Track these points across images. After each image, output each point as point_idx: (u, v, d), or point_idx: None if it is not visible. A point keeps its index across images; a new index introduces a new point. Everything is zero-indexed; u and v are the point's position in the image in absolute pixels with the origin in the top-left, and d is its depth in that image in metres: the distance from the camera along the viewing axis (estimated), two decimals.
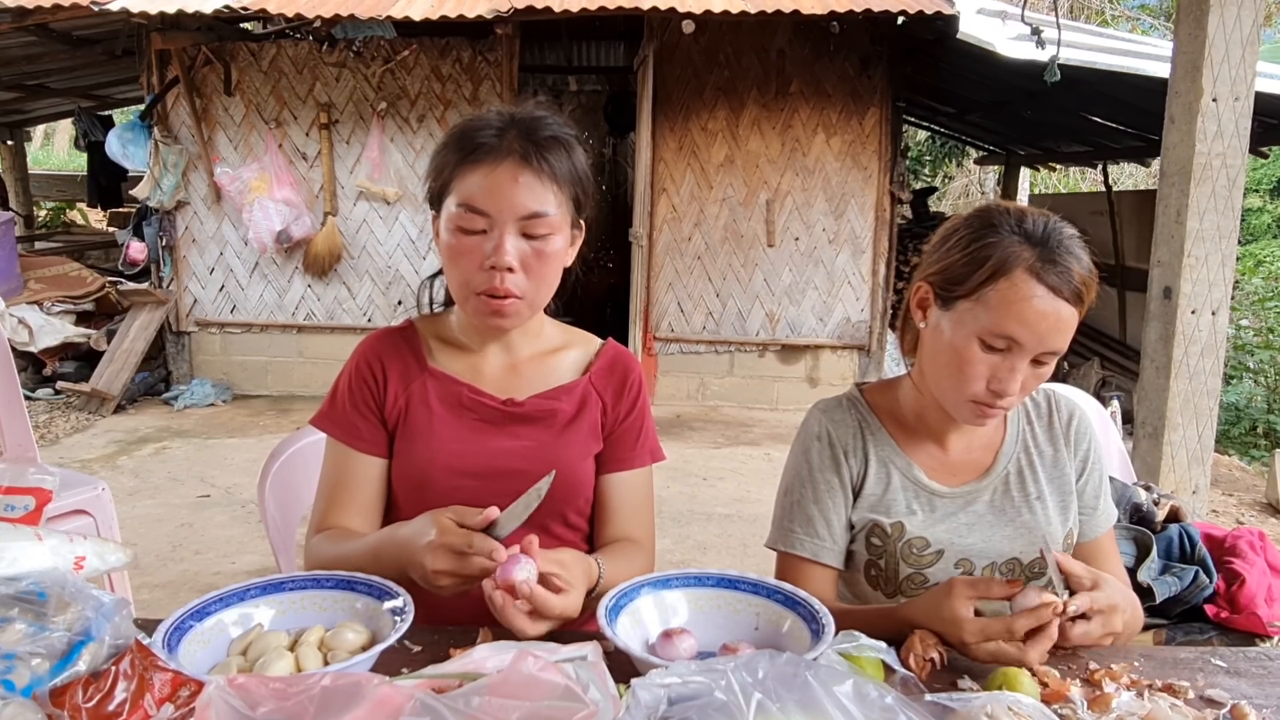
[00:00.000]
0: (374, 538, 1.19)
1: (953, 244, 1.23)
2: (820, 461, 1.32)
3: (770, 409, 6.25)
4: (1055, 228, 1.18)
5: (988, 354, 1.18)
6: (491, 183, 1.18)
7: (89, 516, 2.27)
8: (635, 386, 1.38)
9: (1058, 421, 1.36)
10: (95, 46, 6.49)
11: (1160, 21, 14.06)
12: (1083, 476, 1.34)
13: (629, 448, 1.37)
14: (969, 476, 1.32)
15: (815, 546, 1.30)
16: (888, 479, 1.31)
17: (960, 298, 1.20)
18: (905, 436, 1.34)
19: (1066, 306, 1.15)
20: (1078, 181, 13.91)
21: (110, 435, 5.35)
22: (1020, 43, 4.79)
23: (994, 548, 1.28)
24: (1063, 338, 1.16)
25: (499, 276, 1.19)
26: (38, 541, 0.99)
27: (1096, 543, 1.35)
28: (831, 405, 1.37)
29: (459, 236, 1.21)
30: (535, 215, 1.19)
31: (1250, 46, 2.71)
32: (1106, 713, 0.95)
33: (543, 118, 1.24)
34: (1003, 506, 1.31)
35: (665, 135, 6.01)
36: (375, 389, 1.32)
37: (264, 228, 5.88)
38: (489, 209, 1.18)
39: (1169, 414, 2.89)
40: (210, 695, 0.68)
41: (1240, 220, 2.88)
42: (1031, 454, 1.34)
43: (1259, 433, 6.40)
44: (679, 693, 0.73)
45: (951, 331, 1.21)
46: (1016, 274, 1.15)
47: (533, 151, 1.19)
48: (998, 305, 1.16)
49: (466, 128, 1.23)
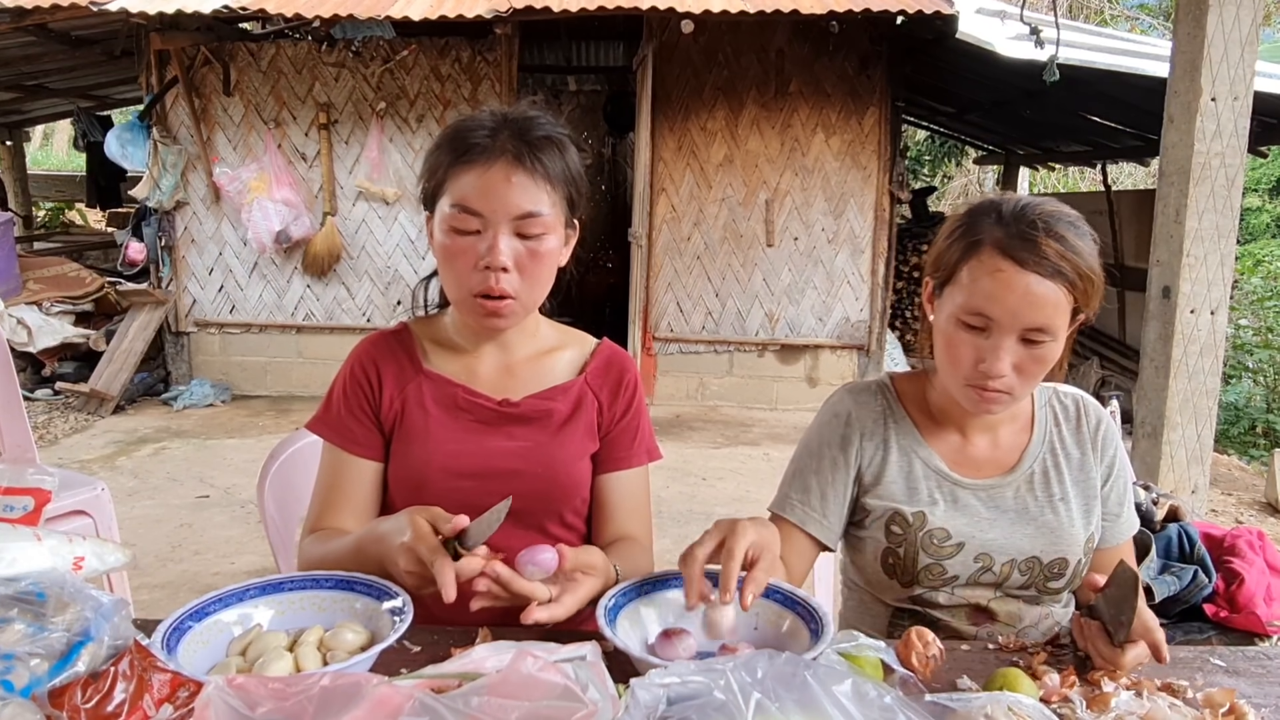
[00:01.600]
0: (357, 534, 1.20)
1: (944, 236, 1.26)
2: (832, 436, 1.34)
3: (769, 409, 6.25)
4: (1032, 205, 1.19)
5: (970, 334, 1.19)
6: (485, 183, 1.18)
7: (88, 517, 2.27)
8: (631, 386, 1.38)
9: (1086, 426, 1.36)
10: (94, 46, 6.48)
11: (1159, 21, 14.06)
12: (1108, 483, 1.35)
13: (626, 447, 1.37)
14: (993, 471, 1.32)
15: (803, 513, 1.32)
16: (909, 467, 1.31)
17: (944, 284, 1.23)
18: (930, 426, 1.35)
19: (1042, 282, 1.14)
20: (1077, 181, 13.92)
21: (109, 436, 5.34)
22: (1019, 42, 4.80)
23: (1015, 545, 1.28)
24: (1042, 314, 1.14)
25: (493, 277, 1.19)
26: (37, 542, 0.99)
27: (1116, 549, 1.36)
28: (860, 388, 1.38)
29: (453, 237, 1.21)
30: (529, 215, 1.19)
31: (1249, 46, 2.71)
32: (1105, 712, 0.95)
33: (535, 117, 1.23)
34: (1026, 505, 1.30)
35: (664, 135, 6.01)
36: (370, 393, 1.32)
37: (263, 228, 5.88)
38: (482, 209, 1.18)
39: (1168, 413, 2.89)
40: (209, 695, 0.68)
41: (1239, 220, 2.88)
42: (1058, 455, 1.34)
43: (1258, 432, 6.40)
44: (678, 692, 0.73)
45: (940, 319, 1.24)
46: (984, 251, 1.17)
47: (525, 151, 1.19)
48: (969, 283, 1.18)
49: (459, 128, 1.23)
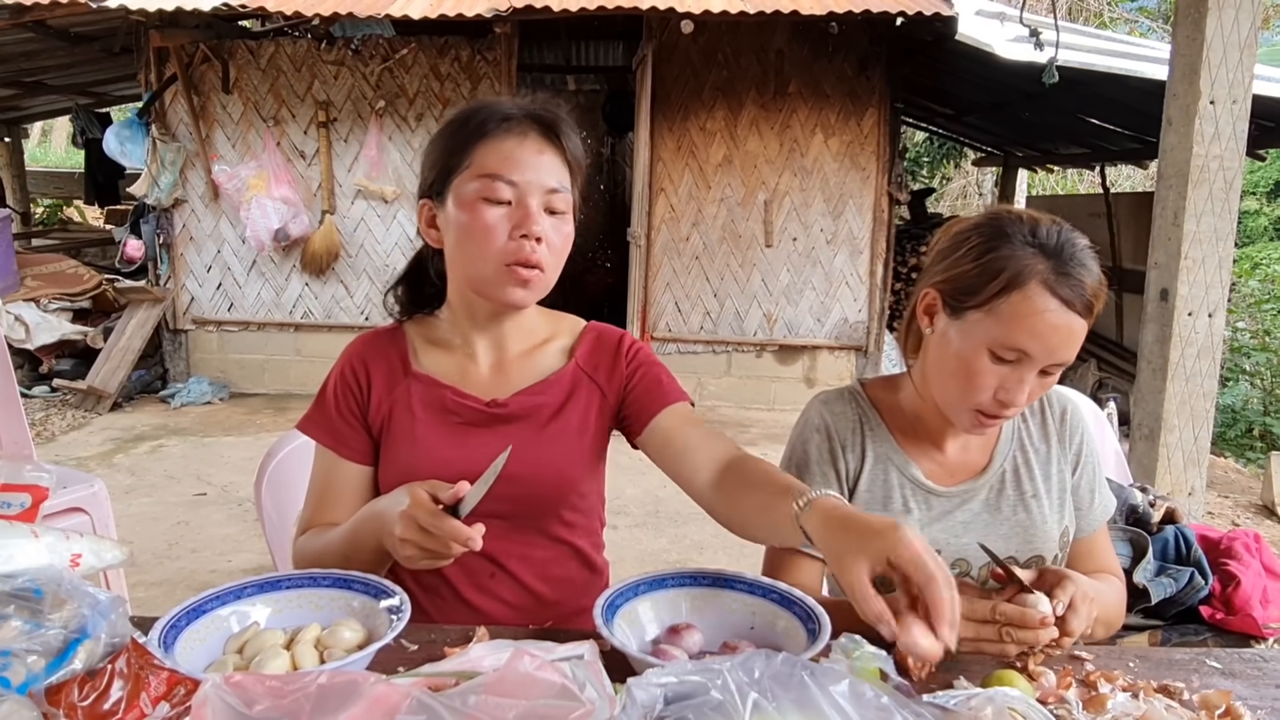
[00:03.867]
0: (354, 518, 1.18)
1: (963, 253, 1.21)
2: (818, 454, 1.32)
3: (767, 409, 6.25)
4: (1069, 239, 1.17)
5: (997, 365, 1.17)
6: (521, 154, 1.18)
7: (85, 514, 2.27)
8: (631, 350, 1.34)
9: (1051, 418, 1.36)
10: (93, 43, 6.47)
11: (1158, 24, 14.07)
12: (1077, 471, 1.35)
13: (657, 394, 1.30)
14: (965, 476, 1.32)
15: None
16: (885, 476, 1.31)
17: (971, 308, 1.19)
18: (904, 435, 1.34)
19: (1078, 319, 1.15)
20: (1075, 183, 13.91)
21: (107, 433, 5.34)
22: (1018, 44, 4.80)
23: (990, 547, 1.28)
24: (1072, 350, 1.16)
25: (529, 245, 1.16)
26: (34, 539, 0.98)
27: (1091, 538, 1.36)
28: (833, 398, 1.37)
29: (484, 208, 1.17)
30: (557, 191, 1.19)
31: (1248, 49, 2.71)
32: (1102, 713, 0.95)
33: (552, 103, 1.24)
34: (999, 505, 1.31)
35: (663, 135, 6.01)
36: (359, 395, 1.29)
37: (262, 226, 5.87)
38: (517, 179, 1.17)
39: (1165, 416, 2.89)
40: (206, 693, 0.68)
41: (1237, 223, 2.88)
42: (1028, 452, 1.34)
43: (1255, 435, 6.41)
44: (675, 692, 0.73)
45: (960, 341, 1.20)
46: (1030, 287, 1.14)
47: (552, 131, 1.20)
48: (1010, 318, 1.15)
49: (477, 110, 1.22)
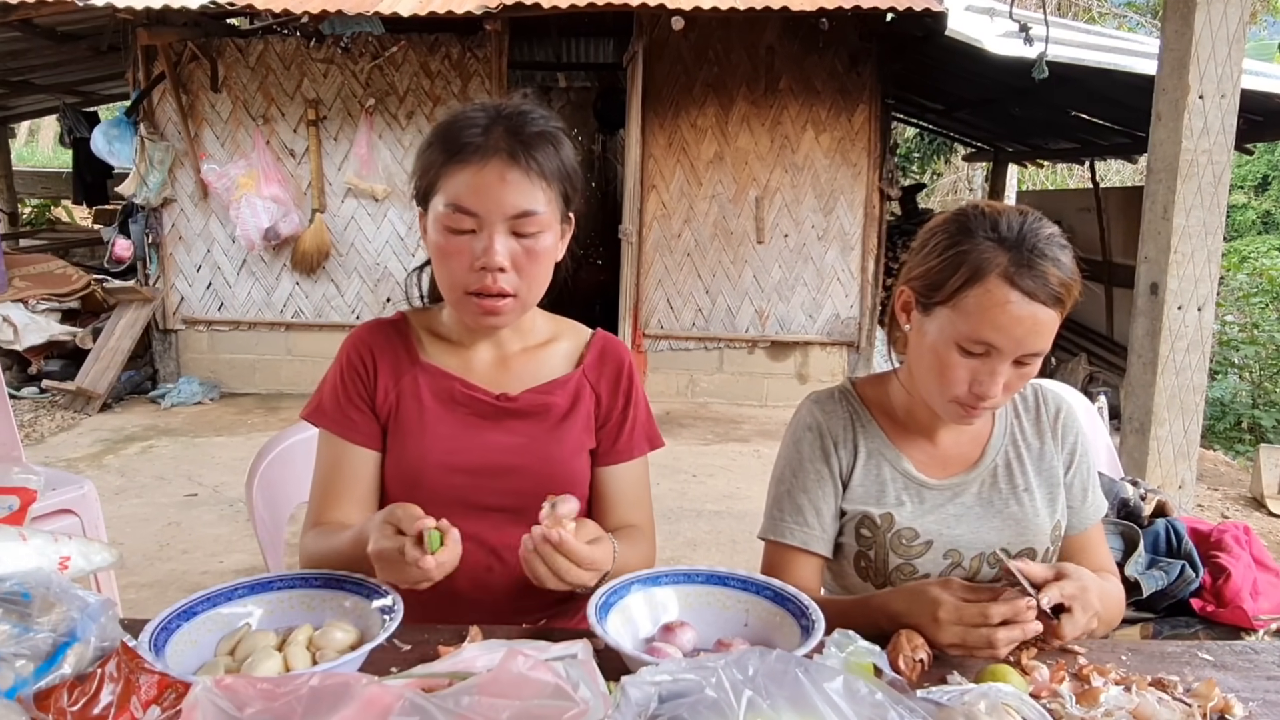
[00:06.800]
0: (355, 529, 1.18)
1: (929, 250, 1.23)
2: (811, 452, 1.33)
3: (760, 406, 6.26)
4: (1031, 229, 1.17)
5: (967, 359, 1.18)
6: (479, 182, 1.17)
7: (74, 516, 2.25)
8: (628, 377, 1.38)
9: (1045, 415, 1.37)
10: (80, 42, 6.43)
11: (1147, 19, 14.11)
12: (1070, 469, 1.36)
13: (625, 439, 1.37)
14: (957, 469, 1.33)
15: (804, 535, 1.31)
16: (877, 470, 1.32)
17: (938, 303, 1.20)
18: (895, 430, 1.35)
19: (1044, 309, 1.15)
20: (1065, 178, 13.97)
21: (96, 434, 5.31)
22: (1008, 40, 4.81)
23: (982, 539, 1.29)
24: (1042, 340, 1.16)
25: (490, 277, 1.18)
26: (22, 541, 0.98)
27: (1085, 535, 1.36)
28: (824, 396, 1.38)
29: (448, 236, 1.19)
30: (524, 214, 1.18)
31: (1236, 43, 2.72)
32: (1094, 707, 0.96)
33: (528, 112, 1.22)
34: (990, 499, 1.32)
35: (655, 132, 6.01)
36: (366, 380, 1.30)
37: (251, 225, 5.84)
38: (478, 209, 1.17)
39: (1155, 409, 2.90)
40: (197, 696, 0.68)
41: (1226, 216, 2.89)
42: (1020, 447, 1.35)
43: (1244, 428, 6.45)
44: (669, 690, 0.73)
45: (932, 336, 1.22)
46: (990, 280, 1.15)
47: (520, 149, 1.18)
48: (974, 312, 1.16)
49: (451, 125, 1.22)
